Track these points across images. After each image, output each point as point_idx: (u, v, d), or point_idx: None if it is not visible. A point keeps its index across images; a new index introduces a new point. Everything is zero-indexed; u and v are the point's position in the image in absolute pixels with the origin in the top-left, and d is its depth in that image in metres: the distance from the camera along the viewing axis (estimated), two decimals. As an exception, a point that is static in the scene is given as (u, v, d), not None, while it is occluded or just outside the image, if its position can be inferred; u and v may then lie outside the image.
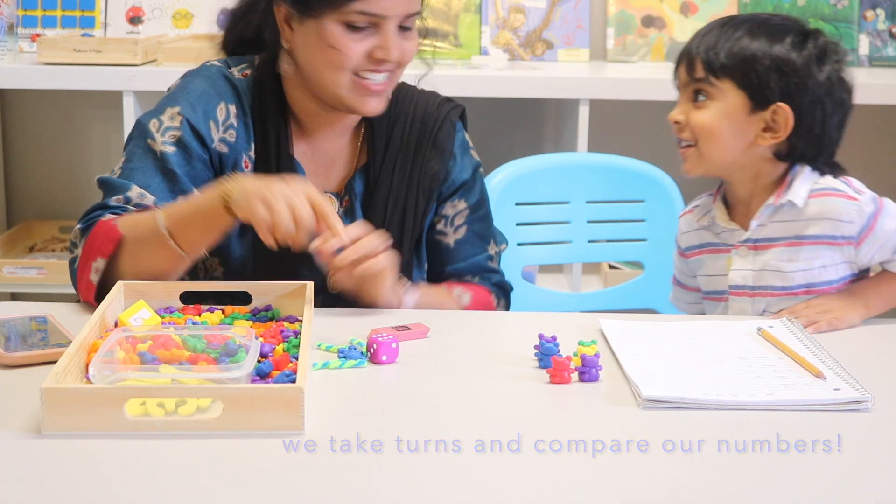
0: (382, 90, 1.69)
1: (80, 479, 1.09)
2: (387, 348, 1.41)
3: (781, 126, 1.63)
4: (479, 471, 1.12)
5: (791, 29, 1.66)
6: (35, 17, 2.98)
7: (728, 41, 1.64)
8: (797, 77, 1.63)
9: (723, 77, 1.64)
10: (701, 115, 1.66)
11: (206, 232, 1.57)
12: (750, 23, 1.67)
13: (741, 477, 1.12)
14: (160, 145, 1.68)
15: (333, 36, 1.65)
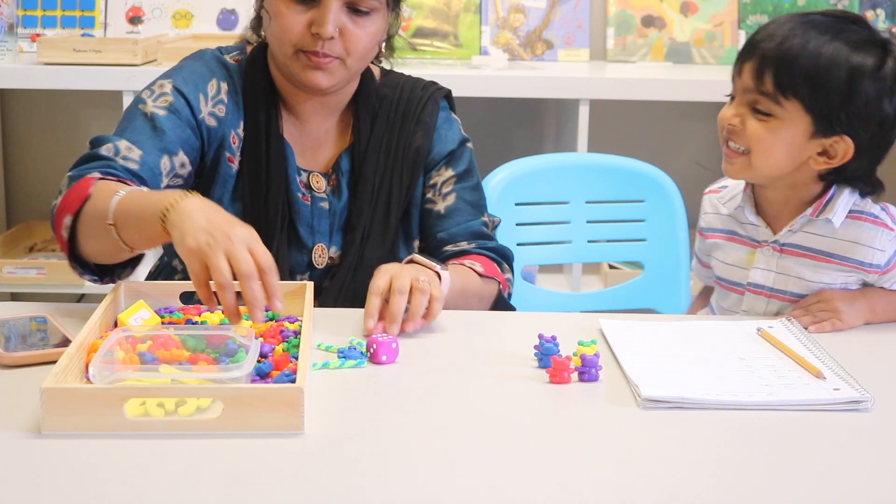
0: (325, 64, 1.68)
1: (80, 479, 1.09)
2: (387, 348, 1.41)
3: (839, 155, 1.59)
4: (479, 471, 1.12)
5: (870, 45, 1.58)
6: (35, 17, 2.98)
7: (804, 57, 1.56)
8: (867, 112, 1.57)
9: (792, 98, 1.57)
10: (761, 129, 1.59)
11: (143, 236, 1.49)
12: (828, 32, 1.58)
13: (741, 477, 1.12)
14: (151, 108, 1.69)
15: (277, 8, 1.69)
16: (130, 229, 1.48)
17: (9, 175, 3.15)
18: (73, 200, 1.55)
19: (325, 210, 1.78)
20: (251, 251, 1.35)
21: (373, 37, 1.71)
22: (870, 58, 1.56)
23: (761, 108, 1.59)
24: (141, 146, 1.65)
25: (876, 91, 1.56)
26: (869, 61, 1.56)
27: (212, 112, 1.74)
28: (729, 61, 3.05)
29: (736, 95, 1.63)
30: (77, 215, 1.53)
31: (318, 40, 1.67)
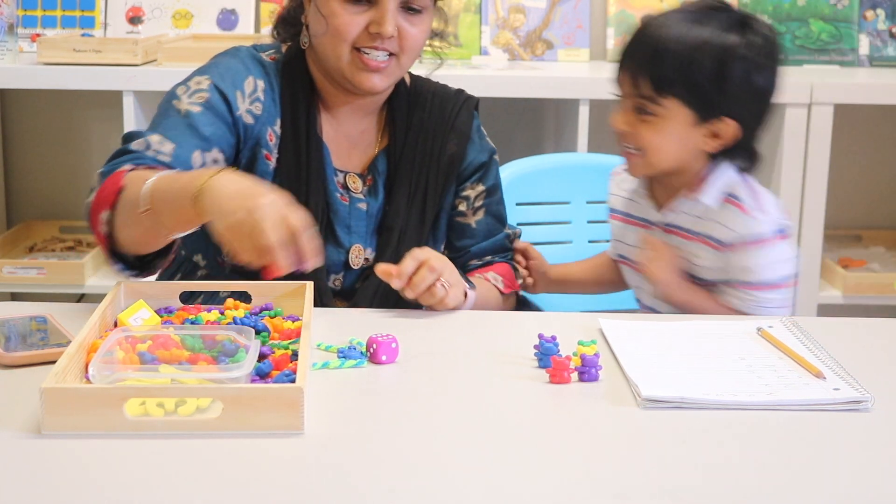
0: (383, 68, 1.71)
1: (80, 479, 1.09)
2: (387, 348, 1.41)
3: (728, 135, 1.66)
4: (478, 470, 1.12)
5: (731, 25, 1.64)
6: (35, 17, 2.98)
7: (672, 56, 1.63)
8: (741, 92, 1.64)
9: (669, 96, 1.64)
10: (647, 130, 1.67)
11: (179, 221, 1.48)
12: (690, 23, 1.65)
13: (741, 477, 1.12)
14: (186, 105, 1.68)
15: (331, 8, 1.69)
16: (165, 215, 1.48)
17: (9, 175, 3.15)
18: (108, 194, 1.53)
19: (362, 211, 1.79)
20: (283, 217, 1.36)
21: (425, 34, 1.74)
22: (732, 37, 1.63)
23: (645, 110, 1.66)
24: (173, 140, 1.64)
25: (745, 69, 1.63)
26: (732, 42, 1.63)
27: (249, 109, 1.73)
28: (729, 61, 3.05)
29: (620, 100, 1.71)
30: (114, 208, 1.52)
31: (376, 39, 1.68)
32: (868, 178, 3.19)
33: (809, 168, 2.70)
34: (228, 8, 3.04)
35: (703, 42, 1.63)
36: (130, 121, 2.62)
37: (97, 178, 1.58)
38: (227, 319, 1.49)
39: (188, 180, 1.44)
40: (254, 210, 1.35)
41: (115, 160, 1.60)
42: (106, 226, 1.54)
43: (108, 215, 1.53)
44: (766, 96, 1.67)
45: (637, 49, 1.68)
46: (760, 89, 1.66)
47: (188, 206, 1.42)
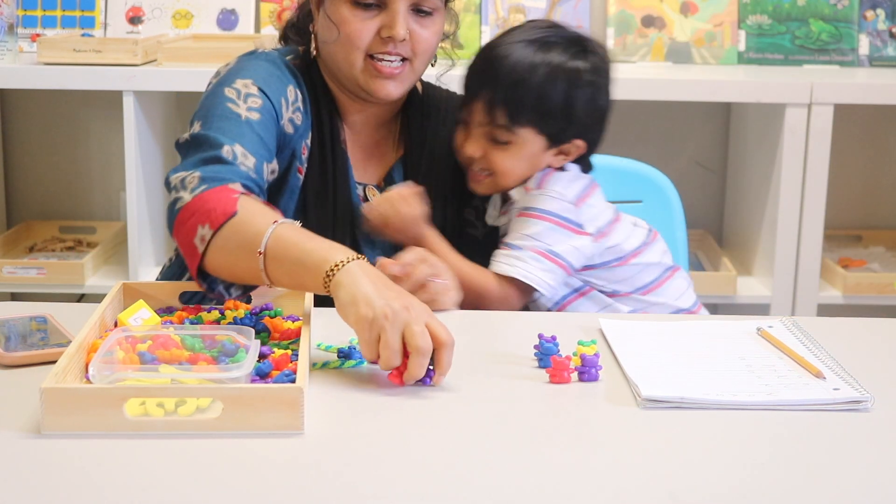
0: (397, 74, 1.69)
1: (80, 479, 1.09)
2: None
3: (574, 152, 1.77)
4: (478, 470, 1.12)
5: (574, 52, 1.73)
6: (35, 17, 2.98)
7: (527, 89, 1.70)
8: (589, 115, 1.75)
9: (525, 125, 1.72)
10: (502, 157, 1.74)
11: (294, 281, 1.43)
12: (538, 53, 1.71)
13: (741, 477, 1.12)
14: (244, 111, 1.62)
15: (341, 15, 1.67)
16: (282, 269, 1.42)
17: (9, 175, 3.15)
18: (216, 213, 1.45)
19: None
20: (429, 326, 1.30)
21: (437, 36, 1.72)
22: (577, 63, 1.73)
23: (499, 138, 1.73)
24: (253, 153, 1.58)
25: (591, 94, 1.74)
26: (578, 68, 1.73)
27: (291, 118, 1.70)
28: (729, 61, 3.06)
29: (471, 127, 1.76)
30: (218, 230, 1.44)
31: (388, 43, 1.66)
32: (868, 178, 3.19)
33: (809, 168, 2.69)
34: (228, 8, 3.04)
35: (553, 72, 1.71)
36: (130, 121, 2.62)
37: (193, 180, 1.49)
38: (227, 319, 1.49)
39: (320, 249, 1.39)
40: (404, 309, 1.30)
41: (212, 165, 1.52)
42: (203, 243, 1.45)
43: (209, 233, 1.45)
44: (607, 113, 1.79)
45: (490, 80, 1.72)
46: (603, 109, 1.77)
47: (316, 278, 1.37)
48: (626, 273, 1.76)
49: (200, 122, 1.62)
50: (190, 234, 1.47)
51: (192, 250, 1.47)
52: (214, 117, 1.61)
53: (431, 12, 1.69)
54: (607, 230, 1.76)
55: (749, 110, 2.97)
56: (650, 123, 3.17)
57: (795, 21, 3.07)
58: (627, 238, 1.78)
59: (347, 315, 1.34)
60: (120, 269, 2.85)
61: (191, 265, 1.49)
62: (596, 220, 1.75)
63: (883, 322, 1.65)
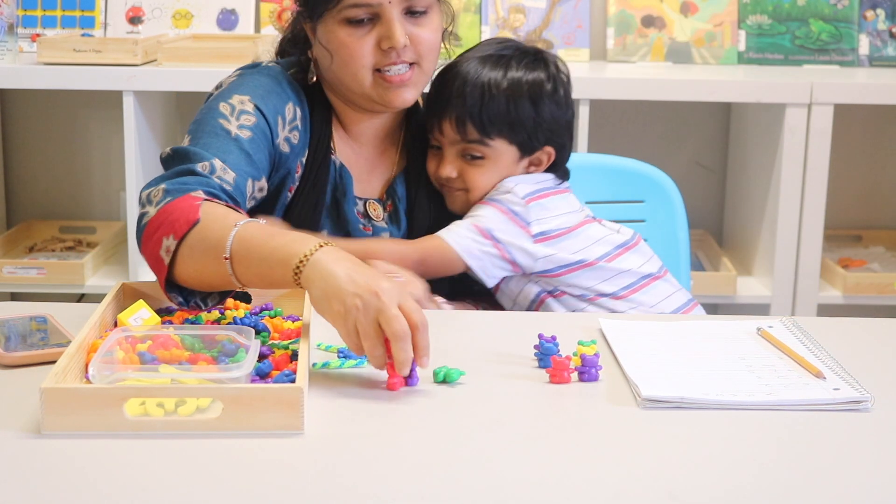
0: (407, 80, 1.68)
1: (80, 480, 1.09)
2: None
3: (544, 161, 1.82)
4: (478, 471, 1.12)
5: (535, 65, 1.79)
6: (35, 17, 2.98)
7: (494, 100, 1.75)
8: (556, 124, 1.80)
9: (496, 137, 1.77)
10: (477, 173, 1.79)
11: (264, 280, 1.40)
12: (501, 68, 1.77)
13: (741, 477, 1.12)
14: (235, 128, 1.60)
15: (338, 35, 1.65)
16: (250, 271, 1.38)
17: (9, 175, 3.15)
18: (179, 222, 1.42)
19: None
20: (402, 308, 1.27)
21: (437, 33, 1.71)
22: (538, 74, 1.79)
23: (473, 154, 1.78)
24: (234, 169, 1.56)
25: (555, 103, 1.80)
26: (539, 78, 1.79)
27: (287, 137, 1.68)
28: (729, 61, 3.05)
29: (443, 147, 1.79)
30: (182, 239, 1.41)
31: (390, 53, 1.65)
32: (868, 178, 3.19)
33: (809, 168, 2.70)
34: (228, 8, 3.04)
35: (517, 82, 1.77)
36: (130, 121, 2.62)
37: (158, 193, 1.47)
38: (227, 319, 1.49)
39: (284, 245, 1.35)
40: (374, 296, 1.27)
41: (180, 177, 1.50)
42: (168, 255, 1.42)
43: (173, 244, 1.42)
44: (572, 120, 1.85)
45: (456, 97, 1.76)
46: (567, 115, 1.83)
47: (285, 275, 1.34)
48: (591, 278, 1.75)
49: (190, 137, 1.60)
50: (156, 247, 1.44)
51: (158, 264, 1.44)
52: (203, 133, 1.59)
53: (426, 10, 1.67)
54: (560, 234, 1.76)
55: (749, 110, 2.97)
56: (650, 123, 3.17)
57: (795, 21, 3.07)
58: (589, 246, 1.78)
59: (323, 312, 1.32)
60: (120, 269, 2.85)
61: (159, 278, 1.45)
62: (544, 222, 1.76)
63: (883, 322, 1.65)
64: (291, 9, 1.78)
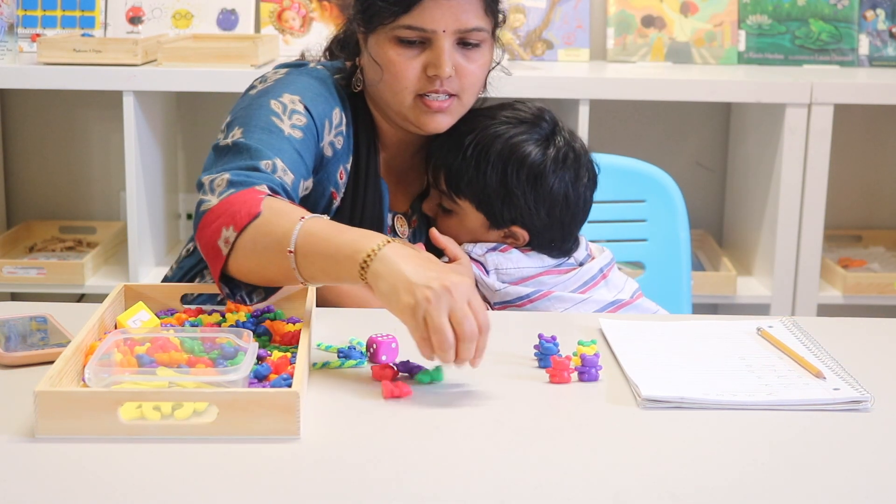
0: (445, 108, 1.67)
1: (75, 484, 1.08)
2: (387, 348, 1.38)
3: (520, 238, 1.74)
4: (478, 471, 1.12)
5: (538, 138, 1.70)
6: (35, 17, 2.98)
7: (465, 162, 1.70)
8: (527, 206, 1.70)
9: (463, 198, 1.73)
10: (448, 224, 1.76)
11: (328, 275, 1.38)
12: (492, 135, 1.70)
13: (741, 477, 1.12)
14: (288, 127, 1.59)
15: (386, 52, 1.65)
16: (314, 264, 1.37)
17: (9, 175, 3.15)
18: (240, 213, 1.41)
19: None
20: (471, 307, 1.28)
21: (484, 69, 1.69)
22: (535, 159, 1.69)
23: (444, 206, 1.76)
24: (292, 170, 1.56)
25: (532, 187, 1.69)
26: (531, 163, 1.69)
27: (332, 142, 1.68)
28: (729, 61, 3.05)
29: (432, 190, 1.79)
30: (242, 231, 1.40)
31: (434, 81, 1.64)
32: (868, 178, 3.19)
33: (809, 168, 2.69)
34: (228, 8, 3.04)
35: (500, 151, 1.69)
36: (130, 121, 2.62)
37: (221, 183, 1.46)
38: (227, 322, 1.49)
39: (351, 240, 1.34)
40: (446, 291, 1.26)
41: (244, 171, 1.49)
42: (227, 246, 1.41)
43: (233, 235, 1.41)
44: (555, 206, 1.71)
45: (441, 143, 1.72)
46: (550, 199, 1.70)
47: (351, 270, 1.33)
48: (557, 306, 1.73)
49: (242, 130, 1.57)
50: (214, 236, 1.42)
51: (215, 252, 1.43)
52: (256, 128, 1.57)
53: (478, 44, 1.66)
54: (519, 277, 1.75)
55: (749, 110, 2.97)
56: (650, 123, 3.17)
57: (795, 21, 3.07)
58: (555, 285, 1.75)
59: (391, 306, 1.30)
60: (120, 269, 2.85)
61: (214, 268, 1.44)
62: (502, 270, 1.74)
63: (883, 322, 1.65)
64: (342, 7, 1.79)
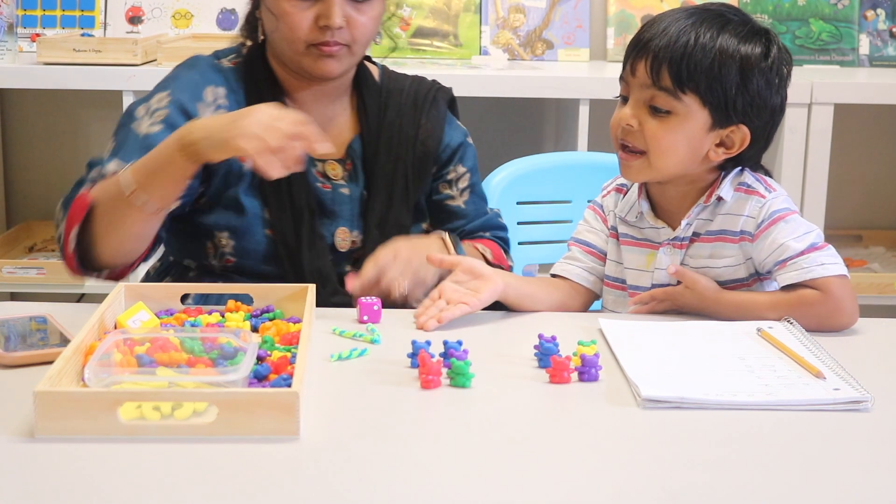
0: (335, 52, 1.74)
1: (74, 484, 1.08)
2: (368, 309, 1.53)
3: (737, 143, 1.60)
4: (478, 471, 1.12)
5: (754, 35, 1.60)
6: (35, 17, 2.98)
7: (698, 51, 1.56)
8: (759, 101, 1.59)
9: (690, 92, 1.57)
10: (660, 128, 1.58)
11: (170, 183, 1.57)
12: (714, 25, 1.59)
13: (741, 477, 1.12)
14: (146, 127, 1.71)
15: (280, 7, 1.73)
16: (156, 183, 1.56)
17: (9, 175, 3.15)
18: (77, 213, 1.61)
19: (345, 196, 1.82)
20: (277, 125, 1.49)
21: (375, 21, 1.77)
22: (757, 48, 1.59)
23: (659, 106, 1.58)
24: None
25: (766, 81, 1.59)
26: (756, 51, 1.59)
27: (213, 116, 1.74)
28: (729, 61, 3.05)
29: (630, 95, 1.62)
30: (86, 220, 1.60)
31: (326, 31, 1.71)
32: (868, 178, 3.19)
33: (809, 168, 2.69)
34: (228, 8, 3.04)
35: (730, 45, 1.57)
36: (130, 121, 2.62)
37: (60, 211, 1.66)
38: (227, 322, 1.49)
39: (164, 146, 1.56)
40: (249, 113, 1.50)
41: (73, 191, 1.66)
42: (73, 241, 1.61)
43: (78, 230, 1.61)
44: (777, 112, 1.63)
45: (660, 40, 1.58)
46: (774, 104, 1.62)
47: (180, 160, 1.53)
48: None
49: (111, 147, 1.74)
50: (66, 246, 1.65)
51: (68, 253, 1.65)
52: (116, 137, 1.75)
53: None
54: None
55: (749, 110, 2.96)
56: (650, 123, 3.16)
57: (796, 21, 3.07)
58: None
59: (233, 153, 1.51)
60: (120, 269, 2.84)
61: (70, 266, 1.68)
62: None
63: (883, 322, 1.65)
64: None
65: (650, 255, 1.68)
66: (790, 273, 1.59)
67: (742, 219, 1.62)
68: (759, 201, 1.62)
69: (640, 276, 1.69)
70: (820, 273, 1.57)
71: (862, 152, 3.17)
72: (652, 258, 1.68)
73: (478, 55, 3.09)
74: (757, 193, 1.62)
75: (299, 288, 1.56)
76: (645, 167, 1.61)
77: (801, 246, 1.59)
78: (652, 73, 1.58)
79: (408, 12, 3.01)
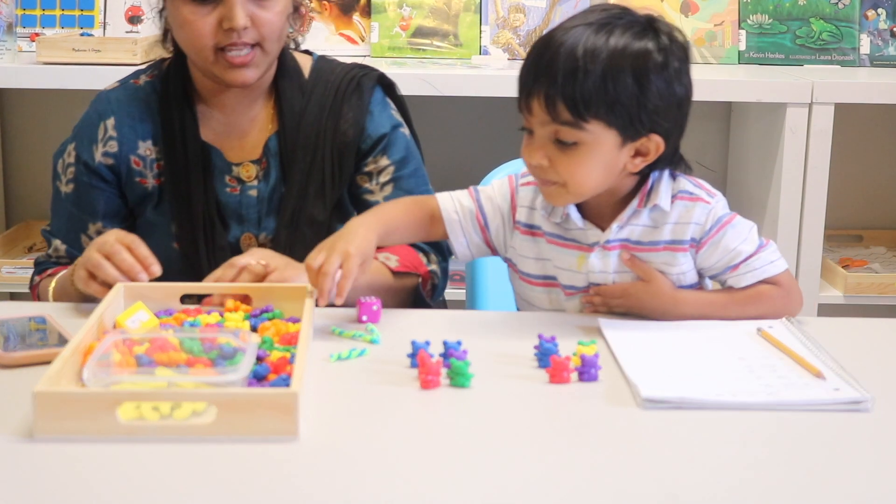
0: (248, 61, 1.72)
1: (73, 485, 1.08)
2: (367, 309, 1.53)
3: (652, 150, 1.55)
4: (478, 471, 1.12)
5: (641, 34, 1.52)
6: (34, 17, 2.97)
7: (588, 75, 1.49)
8: (663, 104, 1.53)
9: (592, 119, 1.50)
10: (571, 161, 1.53)
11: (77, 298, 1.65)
12: (602, 38, 1.51)
13: (741, 477, 1.12)
14: (64, 185, 1.83)
15: (181, 12, 1.72)
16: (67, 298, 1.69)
17: (8, 175, 3.15)
18: (34, 295, 1.87)
19: (252, 198, 1.81)
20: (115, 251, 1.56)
21: (281, 15, 1.74)
22: (646, 46, 1.52)
23: (565, 139, 1.52)
24: (64, 240, 1.84)
25: (663, 80, 1.52)
26: (645, 51, 1.51)
27: (105, 152, 1.81)
28: (729, 61, 3.05)
29: (533, 130, 1.55)
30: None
31: (231, 34, 1.69)
32: (868, 178, 3.19)
33: (810, 168, 2.69)
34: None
35: (619, 57, 1.50)
36: (130, 121, 2.62)
37: (34, 266, 1.89)
38: (226, 322, 1.49)
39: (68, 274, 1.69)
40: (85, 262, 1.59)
41: (37, 266, 1.87)
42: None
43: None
44: (684, 102, 1.57)
45: (546, 70, 1.51)
46: (679, 97, 1.55)
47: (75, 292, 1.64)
48: None
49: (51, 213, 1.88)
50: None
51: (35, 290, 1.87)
52: (53, 201, 1.87)
53: None
54: None
55: (750, 110, 2.96)
56: (650, 123, 3.16)
57: (796, 20, 3.07)
58: None
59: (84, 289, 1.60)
60: (119, 269, 2.84)
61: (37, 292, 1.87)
62: None
63: (883, 322, 1.65)
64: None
65: (581, 258, 1.64)
66: (744, 275, 1.62)
67: (691, 227, 1.61)
68: (705, 207, 1.61)
69: (573, 276, 1.66)
70: (771, 271, 1.62)
71: (863, 152, 3.17)
72: (583, 260, 1.64)
73: (478, 55, 3.09)
74: (701, 200, 1.61)
75: (299, 288, 1.56)
76: (565, 194, 1.58)
77: (751, 248, 1.61)
78: (549, 110, 1.52)
79: (407, 12, 3.01)
